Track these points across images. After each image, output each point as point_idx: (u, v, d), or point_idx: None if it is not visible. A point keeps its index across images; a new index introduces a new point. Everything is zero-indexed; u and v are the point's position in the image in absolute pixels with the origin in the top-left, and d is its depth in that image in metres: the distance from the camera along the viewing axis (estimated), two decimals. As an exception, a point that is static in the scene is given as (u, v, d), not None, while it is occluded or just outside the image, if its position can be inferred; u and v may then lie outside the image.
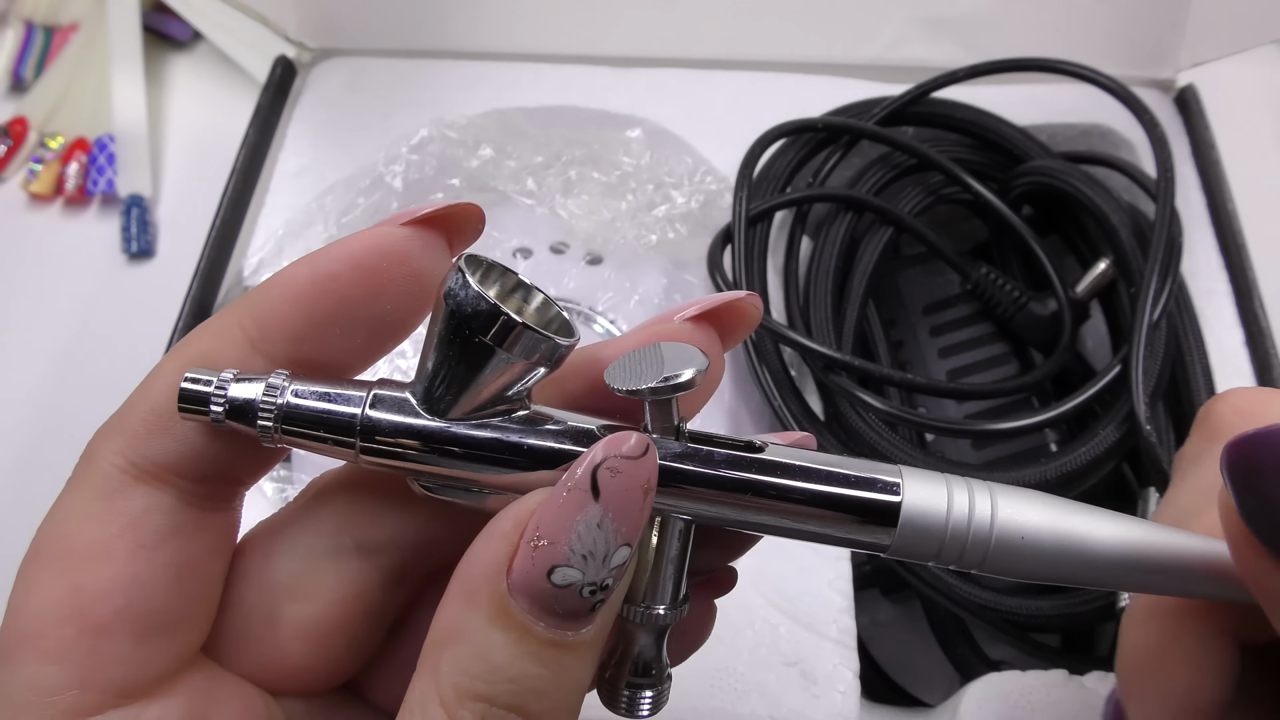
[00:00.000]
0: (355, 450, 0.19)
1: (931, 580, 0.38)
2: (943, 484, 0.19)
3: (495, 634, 0.18)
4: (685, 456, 0.19)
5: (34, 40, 0.61)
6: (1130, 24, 0.53)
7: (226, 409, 0.19)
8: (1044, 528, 0.19)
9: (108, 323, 0.53)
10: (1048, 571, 0.19)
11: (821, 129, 0.45)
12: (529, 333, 0.18)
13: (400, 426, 0.19)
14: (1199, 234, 0.48)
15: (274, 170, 0.50)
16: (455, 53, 0.54)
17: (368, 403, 0.19)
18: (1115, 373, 0.40)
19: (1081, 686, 0.36)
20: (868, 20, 0.54)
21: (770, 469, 0.19)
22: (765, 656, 0.36)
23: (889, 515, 0.19)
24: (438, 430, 0.19)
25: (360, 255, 0.19)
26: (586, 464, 0.17)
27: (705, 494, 0.19)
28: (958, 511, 0.19)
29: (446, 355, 0.19)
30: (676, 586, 0.20)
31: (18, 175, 0.57)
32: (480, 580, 0.18)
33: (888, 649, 0.43)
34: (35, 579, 0.19)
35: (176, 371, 0.19)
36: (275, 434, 0.19)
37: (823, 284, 0.43)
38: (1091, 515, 0.19)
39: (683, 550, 0.20)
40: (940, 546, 0.19)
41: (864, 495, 0.19)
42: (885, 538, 0.19)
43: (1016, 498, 0.19)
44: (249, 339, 0.20)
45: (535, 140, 0.48)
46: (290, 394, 0.19)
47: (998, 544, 0.19)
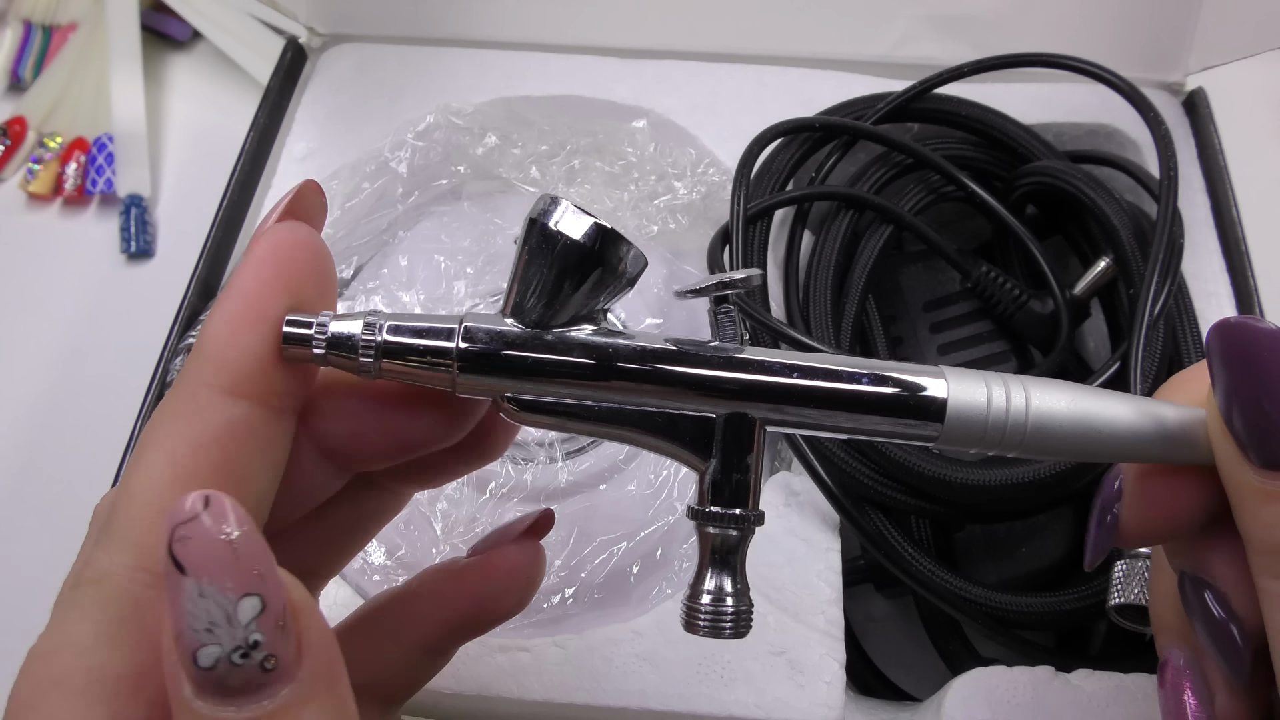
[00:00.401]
0: (454, 364, 0.21)
1: (923, 578, 0.38)
2: (981, 380, 0.22)
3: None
4: (760, 366, 0.22)
5: (33, 40, 0.61)
6: (1140, 27, 0.52)
7: (328, 343, 0.20)
8: (1070, 411, 0.21)
9: (107, 323, 0.53)
10: (1074, 447, 0.21)
11: (819, 128, 0.45)
12: (626, 243, 0.21)
13: (496, 334, 0.21)
14: (1202, 237, 0.48)
15: (281, 154, 0.51)
16: (464, 41, 0.54)
17: (463, 320, 0.21)
18: (1113, 371, 0.40)
19: (1068, 683, 0.36)
20: (876, 17, 0.54)
21: (834, 375, 0.22)
22: (752, 645, 0.36)
23: (938, 410, 0.21)
24: (531, 336, 0.21)
25: (273, 253, 0.20)
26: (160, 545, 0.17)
27: (786, 400, 0.22)
28: (996, 403, 0.21)
29: (539, 273, 0.21)
30: (757, 493, 0.22)
31: (16, 175, 0.58)
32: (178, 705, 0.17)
33: (880, 644, 0.44)
34: (62, 713, 0.18)
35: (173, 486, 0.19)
36: (376, 363, 0.21)
37: (823, 279, 0.43)
38: (1107, 397, 0.22)
39: (760, 456, 0.22)
40: (984, 433, 0.21)
41: (915, 395, 0.21)
42: (934, 430, 0.22)
43: (1046, 387, 0.22)
44: (223, 391, 0.20)
45: (541, 129, 0.49)
46: (388, 323, 0.21)
47: (1033, 428, 0.21)
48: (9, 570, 0.46)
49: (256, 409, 0.20)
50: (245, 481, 0.20)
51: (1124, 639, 0.39)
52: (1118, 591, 0.32)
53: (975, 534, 0.43)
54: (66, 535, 0.37)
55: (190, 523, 0.17)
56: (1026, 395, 0.21)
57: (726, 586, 0.22)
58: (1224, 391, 0.20)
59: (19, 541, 0.47)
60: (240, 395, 0.20)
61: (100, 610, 0.19)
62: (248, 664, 0.17)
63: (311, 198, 0.22)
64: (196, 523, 0.17)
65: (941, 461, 0.37)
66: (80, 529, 0.21)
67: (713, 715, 0.35)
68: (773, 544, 0.39)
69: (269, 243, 0.20)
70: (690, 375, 0.22)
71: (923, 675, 0.42)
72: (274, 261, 0.20)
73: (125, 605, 0.19)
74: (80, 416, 0.50)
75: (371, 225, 0.47)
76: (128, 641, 0.19)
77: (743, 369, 0.22)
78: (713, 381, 0.22)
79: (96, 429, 0.49)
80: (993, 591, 0.38)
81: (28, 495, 0.49)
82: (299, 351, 0.20)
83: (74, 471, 0.48)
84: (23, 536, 0.47)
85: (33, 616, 0.20)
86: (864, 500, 0.39)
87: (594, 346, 0.21)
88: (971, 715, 0.35)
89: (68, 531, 0.37)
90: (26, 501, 0.48)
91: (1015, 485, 0.37)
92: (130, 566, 0.19)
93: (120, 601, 0.19)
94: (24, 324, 0.53)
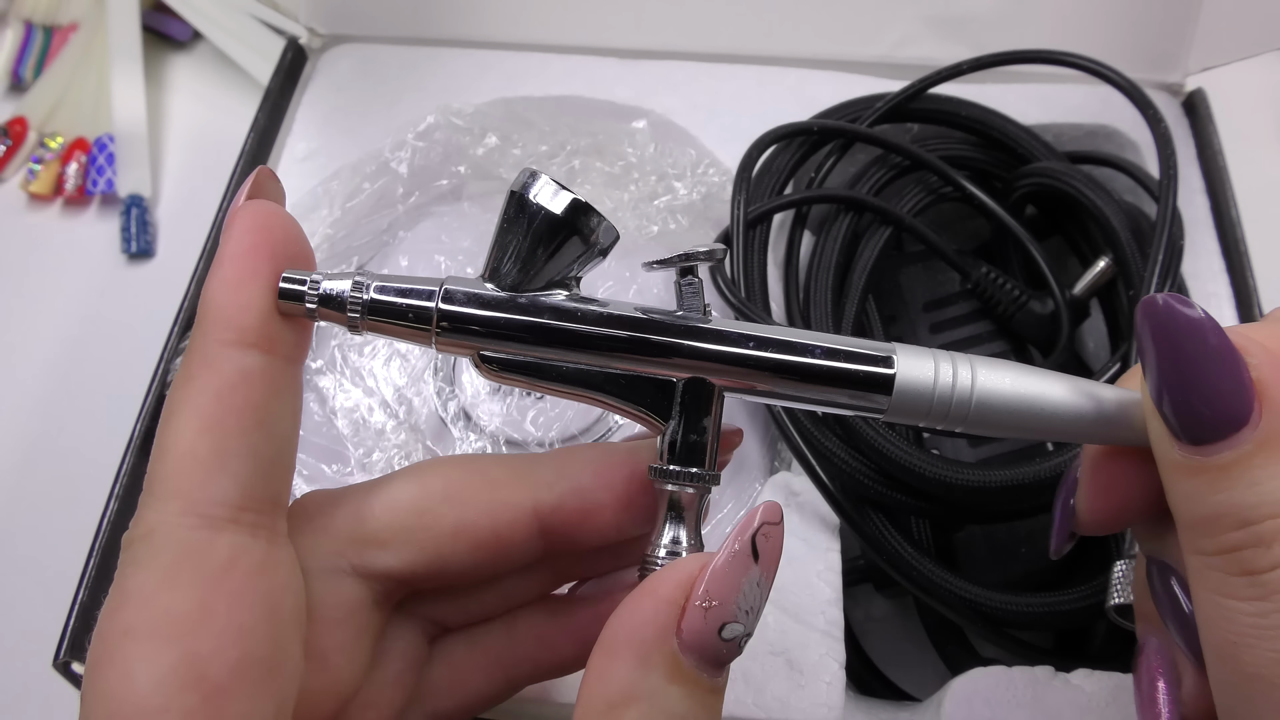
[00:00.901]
0: (434, 322, 0.22)
1: (922, 581, 0.38)
2: (930, 357, 0.23)
3: (674, 688, 0.20)
4: (720, 336, 0.23)
5: (33, 40, 0.61)
6: (1139, 27, 0.52)
7: (320, 299, 0.22)
8: (1012, 389, 0.22)
9: (107, 323, 0.53)
10: (1017, 424, 0.22)
11: (816, 132, 0.45)
12: (598, 216, 0.23)
13: (473, 296, 0.23)
14: (1202, 237, 0.48)
15: (281, 154, 0.51)
16: (464, 41, 0.55)
17: (444, 283, 0.23)
18: (1113, 371, 0.40)
19: (1067, 683, 0.36)
20: (876, 18, 0.54)
21: (789, 348, 0.23)
22: (751, 645, 0.36)
23: (886, 384, 0.22)
24: (506, 298, 0.23)
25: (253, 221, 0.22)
26: (747, 531, 0.20)
27: (742, 367, 0.23)
28: (943, 379, 0.22)
29: (515, 240, 0.23)
30: (714, 455, 0.24)
31: (17, 175, 0.58)
32: (653, 642, 0.20)
33: (880, 644, 0.44)
34: (136, 656, 0.19)
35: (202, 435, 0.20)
36: (363, 320, 0.22)
37: (823, 279, 0.43)
38: (1049, 378, 0.22)
39: (718, 420, 0.24)
40: (930, 407, 0.22)
41: (866, 369, 0.23)
42: (883, 403, 0.23)
43: (992, 366, 0.22)
44: (232, 344, 0.21)
45: (541, 129, 0.49)
46: (375, 283, 0.22)
47: (977, 404, 0.22)
48: (9, 570, 0.46)
49: (266, 356, 0.21)
50: (266, 424, 0.21)
51: (1123, 639, 0.39)
52: (1117, 591, 0.32)
53: (975, 534, 0.43)
54: (67, 535, 0.37)
55: (775, 526, 0.20)
56: (973, 373, 0.22)
57: (682, 539, 0.23)
58: (1151, 371, 0.20)
59: (19, 541, 0.47)
60: (248, 345, 0.21)
61: (154, 558, 0.20)
62: (741, 647, 0.20)
63: (270, 183, 0.23)
64: (779, 528, 0.20)
65: (942, 462, 0.37)
66: (80, 528, 0.22)
67: (712, 715, 0.36)
68: (772, 544, 0.39)
69: (246, 213, 0.22)
70: (653, 341, 0.23)
71: (922, 675, 0.42)
72: (254, 229, 0.22)
73: (177, 550, 0.20)
74: (80, 416, 0.51)
75: (372, 225, 0.47)
76: (185, 581, 0.20)
77: (703, 338, 0.23)
78: (674, 348, 0.23)
79: (96, 429, 0.49)
80: (992, 591, 0.38)
81: (28, 495, 0.48)
82: (293, 306, 0.22)
83: (74, 471, 0.48)
84: (23, 536, 0.47)
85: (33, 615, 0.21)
86: (863, 500, 0.39)
87: (564, 310, 0.23)
88: (971, 715, 0.35)
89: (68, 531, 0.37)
90: (26, 501, 0.48)
91: (1015, 486, 0.37)
92: (176, 513, 0.20)
93: (172, 548, 0.20)
94: (24, 324, 0.53)
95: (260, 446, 0.21)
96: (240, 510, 0.20)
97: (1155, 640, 0.24)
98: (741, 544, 0.20)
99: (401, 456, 0.41)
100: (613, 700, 0.20)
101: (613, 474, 0.25)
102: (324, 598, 0.23)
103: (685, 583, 0.20)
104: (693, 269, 0.24)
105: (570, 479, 0.25)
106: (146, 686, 0.19)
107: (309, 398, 0.42)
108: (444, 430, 0.41)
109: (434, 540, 0.24)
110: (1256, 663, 0.19)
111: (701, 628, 0.20)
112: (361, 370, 0.42)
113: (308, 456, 0.41)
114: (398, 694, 0.25)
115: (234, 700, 0.19)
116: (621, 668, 0.20)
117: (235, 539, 0.20)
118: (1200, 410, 0.20)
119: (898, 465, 0.37)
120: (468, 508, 0.24)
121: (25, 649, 0.20)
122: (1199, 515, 0.20)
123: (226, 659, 0.19)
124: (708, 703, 0.20)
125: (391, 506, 0.24)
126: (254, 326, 0.21)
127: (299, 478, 0.41)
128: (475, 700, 0.27)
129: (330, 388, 0.42)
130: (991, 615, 0.38)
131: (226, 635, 0.20)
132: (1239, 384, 0.19)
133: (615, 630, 0.20)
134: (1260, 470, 0.19)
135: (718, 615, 0.20)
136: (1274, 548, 0.19)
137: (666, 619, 0.20)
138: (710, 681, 0.20)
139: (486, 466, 0.25)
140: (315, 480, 0.41)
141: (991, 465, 0.40)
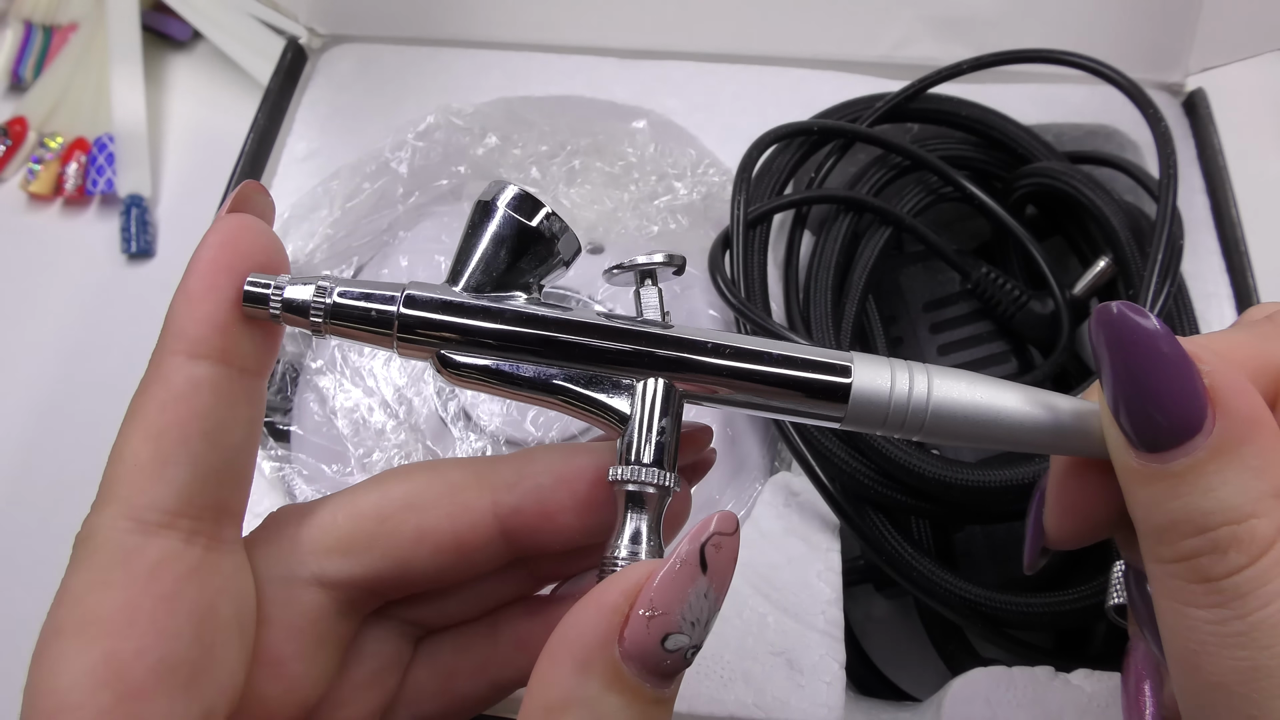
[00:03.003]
0: (394, 326, 0.23)
1: (922, 582, 0.38)
2: (887, 367, 0.23)
3: (612, 696, 0.19)
4: (679, 343, 0.23)
5: (33, 40, 0.61)
6: (1140, 27, 0.52)
7: (283, 305, 0.22)
8: (968, 399, 0.22)
9: (107, 323, 0.53)
10: (973, 433, 0.22)
11: (816, 132, 0.45)
12: (561, 224, 0.23)
13: (435, 301, 0.23)
14: (1202, 238, 0.48)
15: (281, 154, 0.51)
16: (464, 41, 0.55)
17: (405, 288, 0.23)
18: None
19: (1067, 683, 0.36)
20: (876, 18, 0.54)
21: (747, 355, 0.23)
22: (752, 645, 0.36)
23: (842, 393, 0.23)
24: (467, 302, 0.23)
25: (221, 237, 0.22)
26: (695, 541, 0.20)
27: (699, 373, 0.23)
28: (899, 389, 0.22)
29: (478, 245, 0.23)
30: (673, 457, 0.24)
31: (17, 175, 0.58)
32: (594, 649, 0.20)
33: (881, 644, 0.44)
34: (60, 654, 0.20)
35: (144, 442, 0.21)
36: (326, 324, 0.23)
37: (823, 279, 0.43)
38: (1005, 388, 0.23)
39: (677, 423, 0.24)
40: (885, 416, 0.23)
41: (822, 377, 0.23)
42: (840, 411, 0.23)
43: (947, 376, 0.23)
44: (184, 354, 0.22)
45: (541, 129, 0.49)
46: (338, 288, 0.23)
47: (933, 414, 0.22)
48: (9, 570, 0.46)
49: (218, 367, 0.22)
50: (213, 434, 0.21)
51: (1123, 639, 0.39)
52: (1116, 592, 0.32)
53: (975, 534, 0.43)
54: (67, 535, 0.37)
55: (728, 537, 0.20)
56: (929, 383, 0.22)
57: (642, 540, 0.22)
58: (1106, 380, 0.21)
59: (19, 541, 0.47)
60: (200, 357, 0.21)
61: (89, 560, 0.20)
62: (687, 661, 0.20)
63: (257, 196, 0.24)
64: (733, 539, 0.20)
65: (941, 462, 0.37)
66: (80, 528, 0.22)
67: (712, 715, 0.36)
68: (772, 544, 0.39)
69: (219, 228, 0.23)
70: (610, 346, 0.23)
71: (923, 675, 0.42)
72: (221, 244, 0.22)
73: (110, 552, 0.20)
74: (80, 416, 0.50)
75: (372, 225, 0.47)
76: (114, 583, 0.20)
77: (660, 344, 0.23)
78: (631, 354, 0.23)
79: (96, 429, 0.49)
80: (992, 592, 0.38)
81: (28, 495, 0.48)
82: (257, 310, 0.22)
83: (74, 471, 0.48)
84: (23, 536, 0.47)
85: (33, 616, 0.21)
86: (863, 500, 0.39)
87: (523, 314, 0.23)
88: (971, 715, 0.35)
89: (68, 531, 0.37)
90: (26, 501, 0.48)
91: (1015, 486, 0.37)
92: (113, 516, 0.20)
93: (106, 550, 0.20)
94: (24, 324, 0.53)
95: (204, 455, 0.21)
96: (176, 516, 0.21)
97: (1142, 643, 0.24)
98: (690, 553, 0.20)
99: (401, 456, 0.41)
100: (551, 705, 0.20)
101: (573, 475, 0.24)
102: (286, 606, 0.23)
103: (630, 591, 0.20)
104: (652, 275, 0.24)
105: (530, 480, 0.24)
106: (66, 683, 0.19)
107: (309, 398, 0.42)
108: (444, 430, 0.41)
109: (396, 546, 0.24)
110: (1217, 670, 0.19)
111: (644, 637, 0.19)
112: (362, 370, 0.42)
113: (308, 456, 0.41)
114: (373, 695, 0.25)
115: (151, 701, 0.19)
116: (561, 673, 0.20)
117: (167, 544, 0.21)
118: (1155, 418, 0.20)
119: (898, 465, 0.37)
120: (428, 512, 0.24)
121: (25, 649, 0.20)
122: (1157, 523, 0.20)
123: (146, 660, 0.20)
124: (649, 714, 0.20)
125: (354, 515, 0.24)
126: (207, 338, 0.22)
127: (299, 478, 0.41)
128: (461, 704, 0.27)
129: (330, 388, 0.42)
130: (992, 615, 0.38)
131: (149, 637, 0.20)
132: (1192, 391, 0.19)
133: (559, 635, 0.20)
134: (1215, 476, 0.19)
135: (661, 625, 0.19)
136: (1230, 554, 0.19)
137: (609, 626, 0.20)
138: (654, 692, 0.20)
139: (447, 470, 0.25)
140: (315, 480, 0.41)
141: (991, 465, 0.40)
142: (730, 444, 0.42)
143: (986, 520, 0.42)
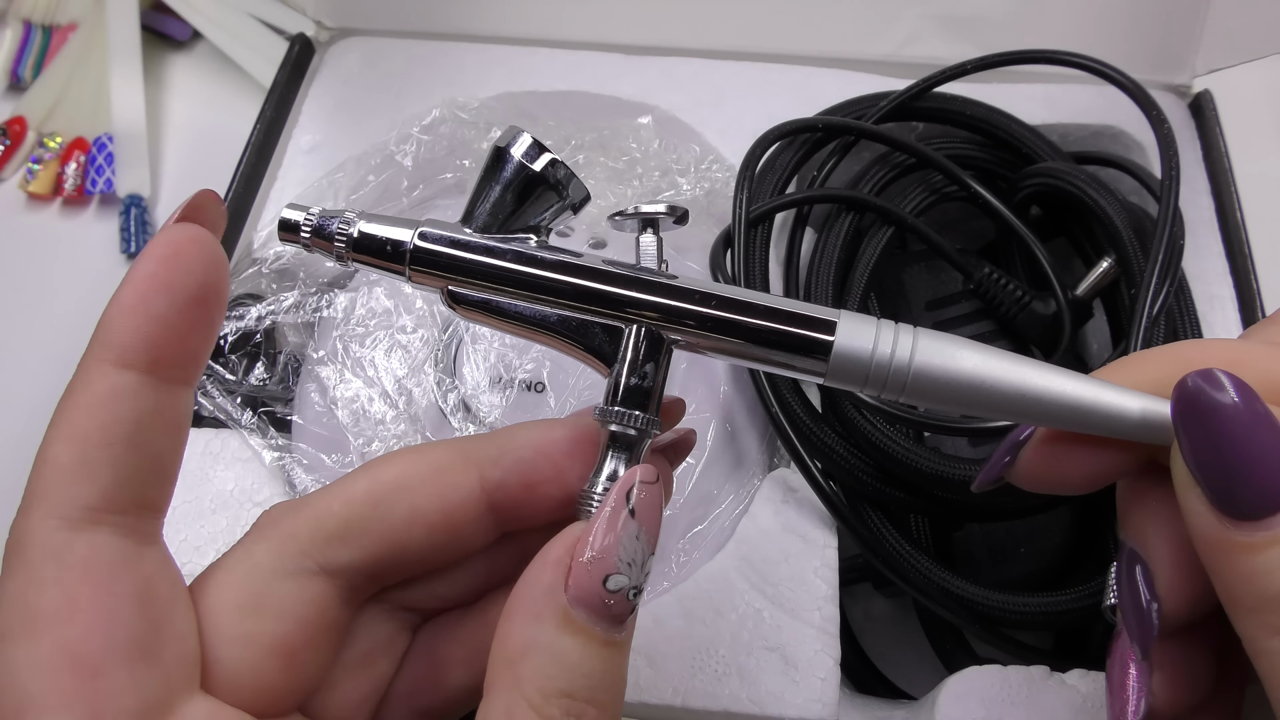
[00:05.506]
0: (407, 258, 0.24)
1: (919, 582, 0.38)
2: (873, 325, 0.23)
3: (565, 639, 0.21)
4: (667, 289, 0.24)
5: (32, 39, 0.62)
6: (1147, 28, 0.52)
7: (312, 231, 0.25)
8: (953, 361, 0.22)
9: (107, 324, 0.53)
10: (955, 397, 0.22)
11: (821, 129, 0.45)
12: (568, 172, 0.24)
13: (445, 238, 0.25)
14: (1206, 239, 0.47)
15: (287, 146, 0.51)
16: (470, 35, 0.55)
17: (420, 224, 0.25)
18: (1112, 373, 0.40)
19: (1062, 683, 0.36)
20: (882, 16, 0.54)
21: (736, 306, 0.24)
22: (747, 640, 0.36)
23: (824, 348, 0.23)
24: (476, 240, 0.25)
25: (161, 249, 0.23)
26: (621, 490, 0.22)
27: (686, 320, 0.24)
28: (882, 347, 0.23)
29: (490, 188, 0.25)
30: (658, 400, 0.25)
31: (16, 175, 0.58)
32: (543, 599, 0.21)
33: (878, 642, 0.44)
34: (11, 654, 0.20)
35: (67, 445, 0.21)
36: (348, 252, 0.25)
37: (824, 277, 0.43)
38: (991, 353, 0.23)
39: (663, 369, 0.25)
40: (867, 374, 0.23)
41: (806, 332, 0.23)
42: (821, 367, 0.23)
43: (935, 338, 0.23)
44: (110, 363, 0.22)
45: (546, 124, 0.49)
46: (361, 221, 0.25)
47: (915, 373, 0.22)
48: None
49: (143, 377, 0.22)
50: (134, 438, 0.22)
51: (1121, 640, 0.39)
52: (1113, 592, 0.32)
53: (974, 533, 0.42)
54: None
55: (650, 485, 0.22)
56: (914, 343, 0.23)
57: (619, 475, 0.23)
58: (1189, 449, 0.20)
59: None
60: (126, 366, 0.22)
61: (21, 561, 0.21)
62: (632, 603, 0.21)
63: (210, 206, 0.24)
64: (656, 487, 0.22)
65: (940, 458, 0.37)
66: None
67: (707, 710, 0.36)
68: (769, 540, 0.39)
69: (162, 239, 0.23)
70: (604, 289, 0.24)
71: (920, 673, 0.42)
72: (162, 256, 0.22)
73: (40, 551, 0.21)
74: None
75: (375, 218, 0.47)
76: (49, 579, 0.20)
77: (652, 290, 0.24)
78: (624, 297, 0.24)
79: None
80: (990, 591, 0.38)
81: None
82: (291, 236, 0.25)
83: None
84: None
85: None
86: (862, 498, 0.39)
87: (527, 254, 0.24)
88: (966, 714, 0.35)
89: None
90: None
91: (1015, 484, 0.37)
92: (40, 517, 0.21)
93: (36, 549, 0.21)
94: (24, 324, 0.53)
95: (126, 457, 0.22)
96: (101, 513, 0.21)
97: None
98: (617, 500, 0.22)
99: (401, 447, 0.41)
100: (510, 656, 0.21)
101: (552, 447, 0.25)
102: (295, 599, 0.24)
103: (571, 545, 0.22)
104: (654, 224, 0.26)
105: (511, 454, 0.25)
106: (24, 678, 0.20)
107: (310, 388, 0.42)
108: (443, 421, 0.41)
109: (390, 530, 0.24)
110: None
111: (586, 580, 0.21)
112: (362, 361, 0.42)
113: (308, 446, 0.41)
114: (365, 678, 0.26)
115: (111, 676, 0.20)
116: (517, 626, 0.21)
117: (96, 537, 0.21)
118: (1241, 490, 0.20)
119: (897, 461, 0.37)
120: (417, 494, 0.25)
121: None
122: (1270, 593, 0.20)
123: (96, 641, 0.20)
124: (604, 655, 0.21)
125: (348, 503, 0.24)
126: (134, 349, 0.22)
127: (299, 467, 0.41)
128: (459, 694, 0.27)
129: (331, 378, 0.42)
130: (989, 616, 0.38)
131: (94, 620, 0.20)
132: None
133: (513, 597, 0.22)
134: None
135: (600, 567, 0.21)
136: None
137: (554, 577, 0.21)
138: (605, 635, 0.21)
139: (433, 451, 0.26)
140: (315, 469, 0.41)
141: (991, 464, 0.40)
142: (729, 440, 0.42)
143: (985, 518, 0.42)
